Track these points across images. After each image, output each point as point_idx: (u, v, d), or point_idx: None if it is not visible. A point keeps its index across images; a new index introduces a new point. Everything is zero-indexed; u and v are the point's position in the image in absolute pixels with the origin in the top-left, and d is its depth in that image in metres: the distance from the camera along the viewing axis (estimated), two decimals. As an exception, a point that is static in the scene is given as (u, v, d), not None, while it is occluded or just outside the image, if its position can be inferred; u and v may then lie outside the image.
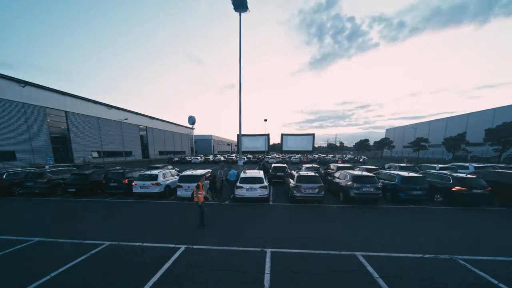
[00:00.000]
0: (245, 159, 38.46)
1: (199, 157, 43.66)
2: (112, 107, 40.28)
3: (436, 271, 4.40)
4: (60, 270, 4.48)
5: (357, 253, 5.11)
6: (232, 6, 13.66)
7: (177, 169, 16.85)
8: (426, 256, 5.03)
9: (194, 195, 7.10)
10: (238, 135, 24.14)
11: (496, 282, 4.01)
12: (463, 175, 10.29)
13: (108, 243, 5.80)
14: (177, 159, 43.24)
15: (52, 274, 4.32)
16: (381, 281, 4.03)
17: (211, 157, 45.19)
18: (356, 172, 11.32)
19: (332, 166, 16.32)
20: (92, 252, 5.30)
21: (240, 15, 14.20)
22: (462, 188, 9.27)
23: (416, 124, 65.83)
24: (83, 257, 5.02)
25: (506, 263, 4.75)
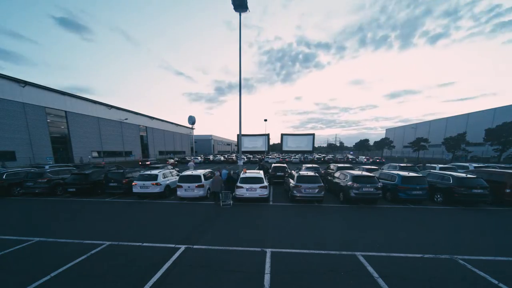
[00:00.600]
0: (245, 159, 38.46)
1: (199, 157, 43.53)
2: (112, 107, 40.28)
3: (436, 271, 4.40)
4: (60, 270, 4.48)
5: (357, 253, 5.10)
6: (232, 6, 13.66)
7: (177, 169, 16.85)
8: (426, 256, 5.03)
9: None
10: (238, 135, 24.15)
11: (496, 282, 4.01)
12: (463, 175, 10.31)
13: (108, 243, 5.80)
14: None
15: (52, 274, 4.32)
16: (381, 281, 4.03)
17: (211, 157, 44.78)
18: (356, 172, 11.32)
19: (332, 166, 16.32)
20: (92, 252, 5.30)
21: (240, 15, 14.21)
22: (462, 188, 9.28)
23: (416, 124, 65.85)
24: (83, 257, 5.02)
25: (506, 263, 4.75)
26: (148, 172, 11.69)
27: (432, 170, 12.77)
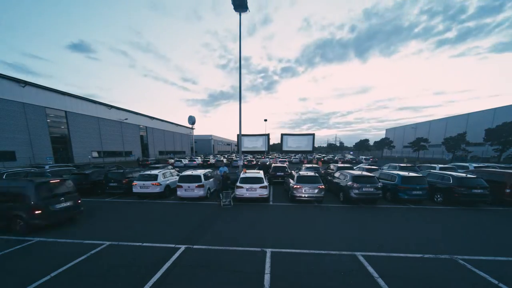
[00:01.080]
0: (245, 161, 38.45)
1: (199, 157, 42.99)
2: (112, 107, 40.30)
3: (436, 271, 4.40)
4: (60, 270, 4.48)
5: (357, 253, 5.10)
6: (232, 7, 13.66)
7: (177, 169, 16.85)
8: (426, 256, 5.03)
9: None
10: (238, 135, 24.14)
11: (496, 282, 4.01)
12: (463, 175, 10.31)
13: (108, 243, 5.80)
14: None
15: (52, 274, 4.32)
16: (381, 281, 4.03)
17: (211, 157, 42.66)
18: (356, 172, 11.32)
19: (332, 166, 16.32)
20: (92, 252, 5.30)
21: (240, 15, 14.21)
22: (462, 188, 9.28)
23: (416, 124, 65.86)
24: (83, 257, 5.02)
25: (506, 263, 4.75)
26: (148, 172, 11.69)
27: (432, 170, 12.76)
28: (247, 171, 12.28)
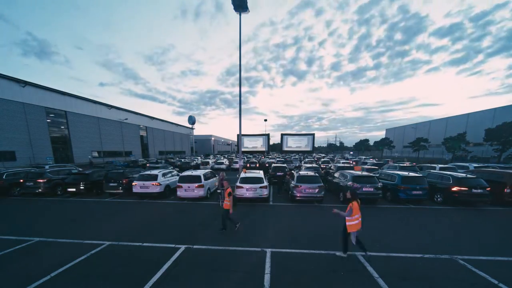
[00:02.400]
0: (245, 159, 38.39)
1: (198, 157, 42.73)
2: (112, 107, 40.30)
3: (436, 271, 4.40)
4: (60, 270, 4.48)
5: (357, 253, 5.10)
6: (232, 7, 13.66)
7: (177, 169, 16.86)
8: (426, 256, 5.03)
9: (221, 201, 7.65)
10: (238, 135, 24.15)
11: (496, 282, 4.01)
12: (463, 175, 10.31)
13: (108, 243, 5.81)
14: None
15: (52, 274, 4.32)
16: (381, 281, 4.03)
17: (211, 157, 40.21)
18: (356, 172, 11.33)
19: (332, 166, 16.32)
20: (92, 252, 5.30)
21: (240, 15, 14.21)
22: (462, 188, 9.29)
23: (416, 124, 65.87)
24: (83, 257, 5.02)
25: (506, 263, 4.75)
26: (148, 172, 11.69)
27: (432, 171, 12.77)
28: (247, 171, 12.28)
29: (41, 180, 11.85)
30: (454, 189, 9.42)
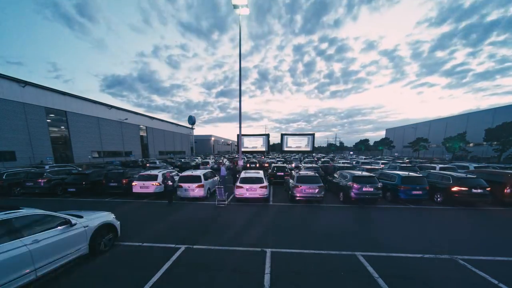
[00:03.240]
0: (245, 159, 38.38)
1: (199, 157, 42.68)
2: (112, 107, 40.28)
3: (436, 271, 4.40)
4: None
5: (357, 253, 5.11)
6: (232, 7, 13.68)
7: (177, 169, 16.85)
8: (426, 256, 5.04)
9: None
10: (238, 135, 24.15)
11: (496, 282, 4.01)
12: (463, 175, 10.31)
13: (108, 243, 5.80)
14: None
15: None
16: (381, 281, 4.03)
17: (211, 157, 39.86)
18: (356, 172, 11.33)
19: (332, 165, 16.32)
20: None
21: (240, 15, 14.22)
22: (462, 188, 9.29)
23: (416, 124, 65.90)
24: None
25: (506, 263, 4.75)
26: (148, 172, 11.69)
27: (432, 171, 12.77)
28: (246, 171, 12.29)
29: (41, 180, 11.86)
30: (454, 189, 9.43)
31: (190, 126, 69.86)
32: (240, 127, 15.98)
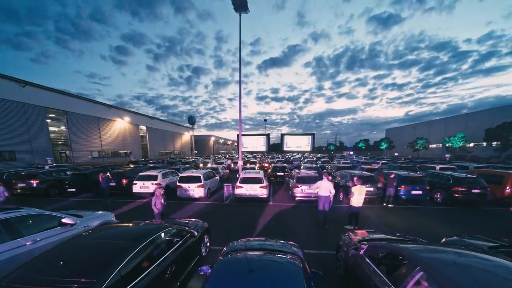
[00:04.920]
0: (245, 159, 38.36)
1: (199, 157, 42.83)
2: (112, 107, 40.30)
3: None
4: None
5: (357, 253, 5.10)
6: (232, 7, 13.66)
7: (177, 168, 16.81)
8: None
9: None
10: (238, 135, 24.16)
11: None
12: (463, 175, 10.31)
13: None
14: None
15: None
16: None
17: (211, 158, 38.05)
18: (356, 172, 11.33)
19: (332, 166, 16.33)
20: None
21: (240, 15, 14.21)
22: (462, 188, 9.29)
23: (416, 124, 65.92)
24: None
25: (506, 263, 4.74)
26: (148, 172, 11.69)
27: (432, 171, 12.77)
28: (245, 171, 12.29)
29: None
30: (454, 189, 9.43)
31: (190, 126, 69.85)
32: (240, 127, 15.98)
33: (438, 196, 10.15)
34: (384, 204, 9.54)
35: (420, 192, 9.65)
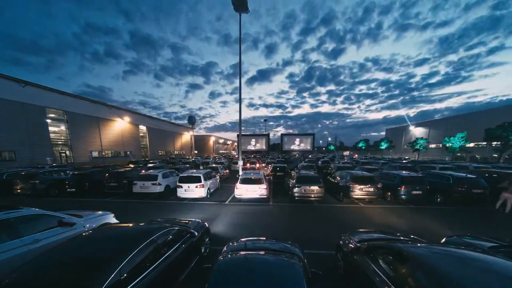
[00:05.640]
0: (245, 159, 38.30)
1: (199, 157, 42.69)
2: (112, 107, 40.29)
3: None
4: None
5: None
6: (232, 7, 13.66)
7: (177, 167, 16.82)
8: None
9: None
10: (238, 135, 24.15)
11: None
12: (463, 174, 10.31)
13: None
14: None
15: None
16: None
17: (211, 158, 37.35)
18: (356, 172, 11.33)
19: (332, 166, 16.33)
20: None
21: (240, 15, 14.21)
22: (462, 188, 9.29)
23: (416, 124, 65.89)
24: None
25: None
26: (148, 172, 11.69)
27: (432, 171, 12.76)
28: (245, 171, 12.29)
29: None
30: (454, 189, 9.43)
31: (190, 126, 69.81)
32: (240, 127, 15.98)
33: (438, 196, 10.13)
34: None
35: (420, 192, 9.62)
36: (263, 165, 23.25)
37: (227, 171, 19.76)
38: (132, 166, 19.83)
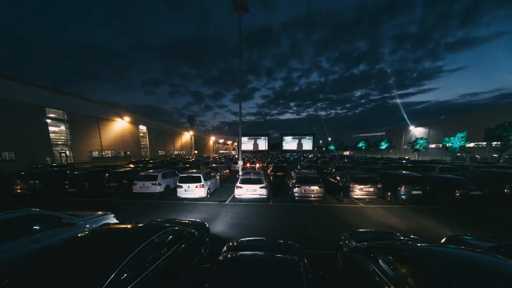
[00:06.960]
0: (245, 159, 38.32)
1: (200, 157, 42.85)
2: (112, 106, 40.31)
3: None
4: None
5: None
6: (231, 7, 13.66)
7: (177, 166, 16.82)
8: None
9: None
10: (238, 135, 24.17)
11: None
12: (461, 176, 10.31)
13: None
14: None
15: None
16: (381, 281, 4.02)
17: (211, 158, 36.96)
18: (356, 172, 11.33)
19: (332, 166, 16.33)
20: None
21: (240, 15, 14.21)
22: (461, 189, 9.29)
23: (416, 124, 65.89)
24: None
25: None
26: (148, 172, 11.69)
27: (431, 171, 12.76)
28: (245, 172, 12.29)
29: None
30: (454, 189, 9.44)
31: (190, 126, 69.85)
32: (240, 127, 15.98)
33: (438, 196, 10.12)
34: None
35: (420, 192, 9.66)
36: (264, 165, 23.29)
37: (227, 171, 19.77)
38: (132, 166, 19.81)
